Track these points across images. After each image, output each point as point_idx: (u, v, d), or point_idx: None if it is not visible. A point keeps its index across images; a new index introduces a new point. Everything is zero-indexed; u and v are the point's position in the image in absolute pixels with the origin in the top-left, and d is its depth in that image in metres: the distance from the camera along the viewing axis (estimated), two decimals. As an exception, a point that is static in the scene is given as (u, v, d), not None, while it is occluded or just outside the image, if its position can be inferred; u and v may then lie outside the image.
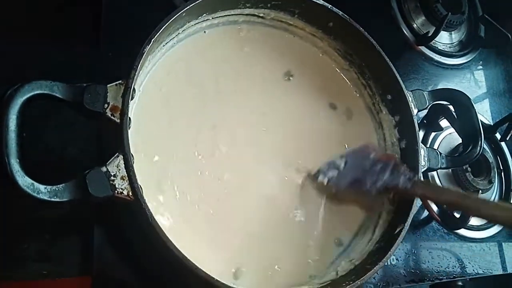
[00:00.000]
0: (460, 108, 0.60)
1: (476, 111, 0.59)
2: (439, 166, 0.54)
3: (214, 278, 0.39)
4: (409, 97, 0.55)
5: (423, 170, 0.53)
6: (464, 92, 0.60)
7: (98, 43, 0.53)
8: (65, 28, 0.54)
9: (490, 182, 0.73)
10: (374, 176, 0.50)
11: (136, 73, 0.40)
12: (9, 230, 0.46)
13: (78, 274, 0.47)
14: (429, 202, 0.67)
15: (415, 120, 0.55)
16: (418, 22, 0.80)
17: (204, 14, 0.51)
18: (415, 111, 0.55)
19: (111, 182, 0.38)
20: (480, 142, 0.56)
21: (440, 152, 0.55)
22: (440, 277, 0.65)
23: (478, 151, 0.56)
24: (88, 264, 0.46)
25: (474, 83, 0.85)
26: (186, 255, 0.38)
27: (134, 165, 0.39)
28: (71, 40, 0.54)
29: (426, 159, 0.54)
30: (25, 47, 0.52)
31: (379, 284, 0.59)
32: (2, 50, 0.50)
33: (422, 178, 0.53)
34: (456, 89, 0.61)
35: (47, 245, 0.47)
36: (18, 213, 0.46)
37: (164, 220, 0.45)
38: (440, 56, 0.80)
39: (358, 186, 0.51)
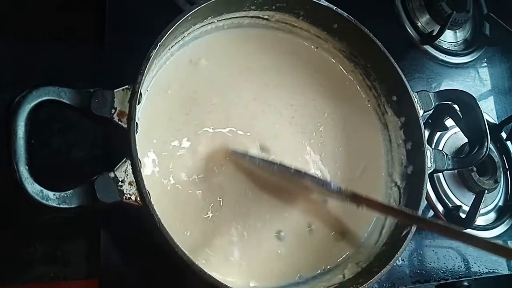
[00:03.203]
0: (466, 109, 0.59)
1: (482, 111, 0.59)
2: (445, 167, 0.54)
3: (222, 283, 0.39)
4: (415, 99, 0.55)
5: (429, 171, 0.53)
6: (469, 90, 0.60)
7: (103, 47, 0.53)
8: (70, 31, 0.54)
9: (496, 182, 0.72)
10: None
11: (143, 78, 0.40)
12: (16, 233, 0.46)
13: (85, 277, 0.47)
14: (434, 202, 0.68)
15: (421, 122, 0.55)
16: (423, 20, 0.79)
17: (210, 17, 0.51)
18: (420, 112, 0.55)
19: (119, 187, 0.38)
20: (486, 143, 0.56)
21: (446, 154, 0.55)
22: (446, 277, 0.65)
23: (484, 152, 0.56)
24: (95, 267, 0.46)
25: (479, 82, 0.84)
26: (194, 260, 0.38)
27: (142, 170, 0.39)
28: (76, 43, 0.54)
29: (432, 160, 0.54)
30: (29, 51, 0.52)
31: (384, 284, 0.59)
32: (7, 54, 0.50)
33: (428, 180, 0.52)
34: (462, 89, 0.60)
35: (54, 248, 0.47)
36: (25, 216, 0.47)
37: None
38: (444, 55, 0.79)
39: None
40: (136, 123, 0.40)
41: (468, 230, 0.69)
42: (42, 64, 0.51)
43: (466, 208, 0.67)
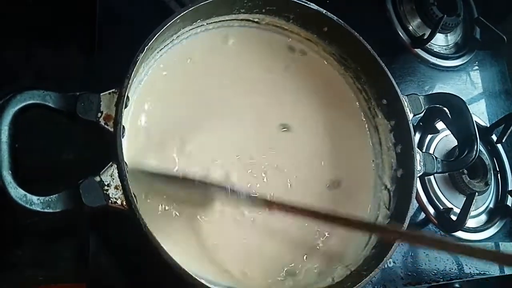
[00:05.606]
0: (456, 112, 0.59)
1: (472, 114, 0.59)
2: (435, 170, 0.54)
3: (209, 286, 0.39)
4: (405, 102, 0.55)
5: (419, 175, 0.53)
6: (460, 94, 0.60)
7: (93, 48, 0.52)
8: (59, 33, 0.54)
9: (487, 184, 0.73)
10: None
11: (130, 82, 0.40)
12: (3, 236, 0.46)
13: (73, 280, 0.47)
14: (425, 204, 0.68)
15: (411, 125, 0.55)
16: (414, 24, 0.79)
17: (199, 20, 0.51)
18: (410, 115, 0.55)
19: (104, 191, 0.37)
20: (476, 147, 0.56)
21: (436, 157, 0.55)
22: (438, 279, 0.65)
23: (474, 156, 0.56)
24: (83, 270, 0.46)
25: (470, 85, 0.84)
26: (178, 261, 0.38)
27: (128, 174, 0.39)
28: (65, 45, 0.54)
29: (422, 164, 0.54)
30: (18, 52, 0.51)
31: (376, 286, 0.59)
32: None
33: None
34: (452, 93, 0.61)
35: (42, 251, 0.47)
36: (12, 219, 0.46)
37: None
38: (435, 58, 0.79)
39: None
40: (123, 126, 0.40)
41: (459, 233, 0.69)
42: (30, 68, 0.51)
43: (457, 210, 0.67)
